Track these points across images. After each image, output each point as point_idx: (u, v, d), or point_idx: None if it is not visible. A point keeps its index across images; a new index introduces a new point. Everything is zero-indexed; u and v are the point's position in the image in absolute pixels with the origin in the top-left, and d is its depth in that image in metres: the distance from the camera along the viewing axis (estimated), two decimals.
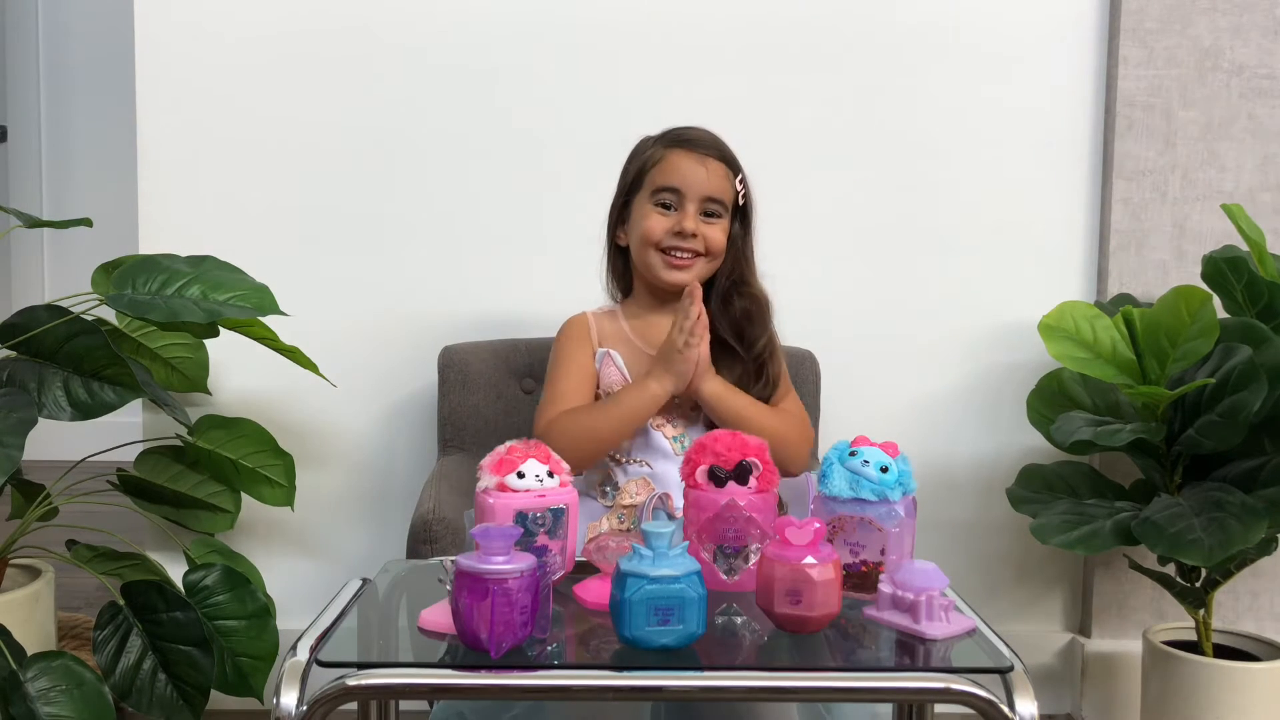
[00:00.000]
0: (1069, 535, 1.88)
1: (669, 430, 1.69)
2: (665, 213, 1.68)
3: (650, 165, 1.70)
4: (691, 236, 1.67)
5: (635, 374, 1.70)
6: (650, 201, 1.69)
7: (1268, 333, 1.85)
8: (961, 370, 2.25)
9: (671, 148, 1.70)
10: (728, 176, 1.70)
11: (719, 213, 1.69)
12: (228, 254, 1.90)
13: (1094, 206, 2.24)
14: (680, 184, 1.67)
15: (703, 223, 1.68)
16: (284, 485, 2.06)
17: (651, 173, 1.70)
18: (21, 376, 1.76)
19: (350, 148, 2.17)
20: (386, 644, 1.33)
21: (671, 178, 1.68)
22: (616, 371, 1.71)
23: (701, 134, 1.72)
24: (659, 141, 1.72)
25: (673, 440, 1.68)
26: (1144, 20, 2.17)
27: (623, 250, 1.77)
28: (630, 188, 1.73)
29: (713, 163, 1.68)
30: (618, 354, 1.72)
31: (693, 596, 1.16)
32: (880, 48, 2.20)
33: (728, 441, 1.38)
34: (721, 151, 1.71)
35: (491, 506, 1.27)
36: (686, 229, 1.66)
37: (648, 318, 1.75)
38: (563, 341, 1.74)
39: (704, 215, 1.68)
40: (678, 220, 1.67)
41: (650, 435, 1.68)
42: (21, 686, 1.66)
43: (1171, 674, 1.96)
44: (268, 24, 2.15)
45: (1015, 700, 1.14)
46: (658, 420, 1.68)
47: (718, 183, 1.68)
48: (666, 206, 1.68)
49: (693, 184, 1.67)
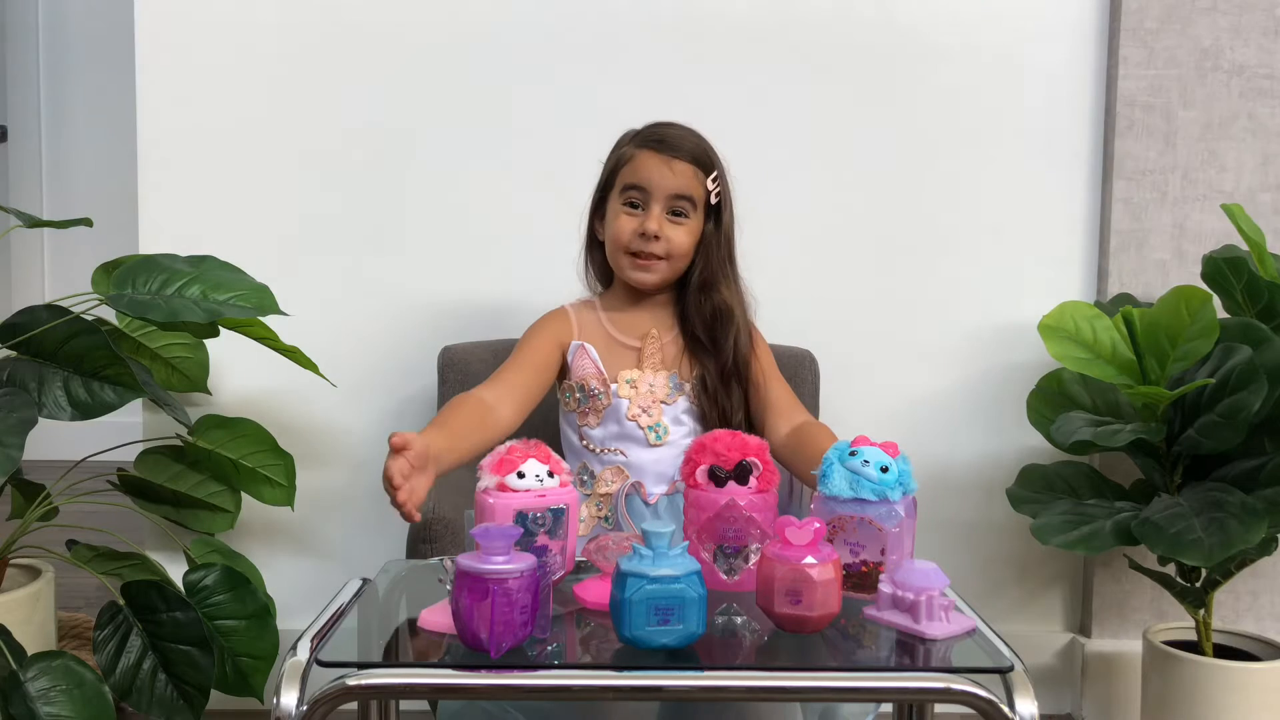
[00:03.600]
0: (1069, 535, 1.88)
1: (644, 420, 1.71)
2: (633, 213, 1.70)
3: (622, 163, 1.73)
4: (654, 239, 1.68)
5: (609, 365, 1.73)
6: (620, 200, 1.72)
7: (1268, 333, 1.85)
8: (961, 370, 2.25)
9: (642, 147, 1.71)
10: (696, 176, 1.70)
11: (686, 212, 1.70)
12: (228, 254, 1.90)
13: (1094, 206, 2.24)
14: (646, 183, 1.69)
15: (668, 222, 1.69)
16: (284, 485, 2.06)
17: (623, 171, 1.72)
18: (21, 376, 1.76)
19: (350, 148, 2.17)
20: (386, 644, 1.33)
21: (638, 177, 1.70)
22: (591, 364, 1.73)
23: (676, 132, 1.72)
24: (634, 139, 1.74)
25: (648, 430, 1.70)
26: (1144, 20, 2.17)
27: (601, 244, 1.79)
28: (606, 184, 1.76)
29: (680, 163, 1.69)
30: (592, 347, 1.74)
31: (693, 596, 1.16)
32: (880, 47, 2.20)
33: (728, 441, 1.38)
34: (693, 151, 1.71)
35: (491, 506, 1.27)
36: (649, 230, 1.68)
37: (625, 310, 1.78)
38: (532, 329, 1.77)
39: (671, 214, 1.70)
40: (643, 221, 1.69)
41: (625, 425, 1.71)
42: (21, 686, 1.66)
43: (1171, 674, 1.96)
44: (268, 25, 2.15)
45: (1015, 700, 1.14)
46: (633, 410, 1.70)
47: (683, 182, 1.69)
48: (634, 206, 1.70)
49: (658, 184, 1.69)
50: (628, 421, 1.70)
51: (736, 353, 1.72)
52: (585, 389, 1.72)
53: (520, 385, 1.69)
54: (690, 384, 1.73)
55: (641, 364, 1.74)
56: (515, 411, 1.66)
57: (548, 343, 1.74)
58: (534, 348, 1.74)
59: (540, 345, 1.74)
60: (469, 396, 1.64)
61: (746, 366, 1.74)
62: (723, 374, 1.72)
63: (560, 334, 1.76)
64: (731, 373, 1.72)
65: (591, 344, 1.74)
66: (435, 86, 2.17)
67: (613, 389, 1.72)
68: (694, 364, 1.74)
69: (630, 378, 1.72)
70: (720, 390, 1.72)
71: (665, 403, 1.72)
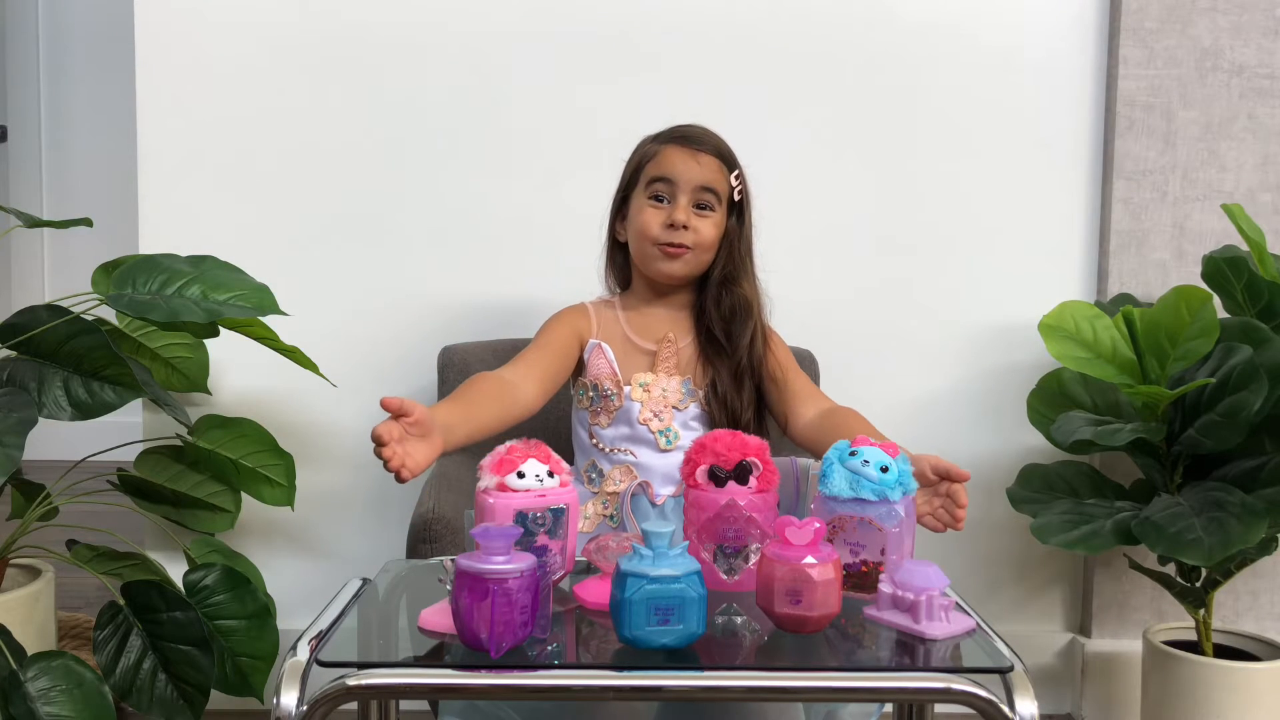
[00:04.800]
0: (1069, 535, 1.88)
1: (655, 424, 1.71)
2: (659, 205, 1.71)
3: (647, 160, 1.74)
4: (683, 228, 1.69)
5: (624, 367, 1.73)
6: (645, 194, 1.72)
7: (1268, 333, 1.85)
8: (961, 370, 2.26)
9: (668, 143, 1.74)
10: (721, 170, 1.72)
11: (711, 204, 1.72)
12: (228, 254, 1.90)
13: (1094, 206, 2.24)
14: (673, 174, 1.70)
15: (695, 214, 1.70)
16: (284, 485, 2.06)
17: (648, 167, 1.73)
18: (21, 376, 1.76)
19: (350, 148, 2.17)
20: (386, 644, 1.33)
21: (665, 169, 1.71)
22: (606, 364, 1.73)
23: (699, 130, 1.75)
24: (657, 139, 1.76)
25: (658, 434, 1.70)
26: (1144, 20, 2.17)
27: (622, 245, 1.80)
28: (629, 183, 1.77)
29: (706, 157, 1.71)
30: (609, 347, 1.74)
31: (693, 596, 1.15)
32: (880, 48, 2.20)
33: (728, 441, 1.38)
34: (717, 147, 1.73)
35: (491, 506, 1.27)
36: (678, 220, 1.69)
37: (643, 310, 1.78)
38: (552, 320, 1.77)
39: (697, 207, 1.71)
40: (670, 212, 1.70)
41: (636, 429, 1.70)
42: (21, 686, 1.66)
43: (1171, 674, 1.96)
44: (268, 25, 2.15)
45: (1015, 700, 1.14)
46: (645, 414, 1.70)
47: (710, 175, 1.71)
48: (660, 199, 1.71)
49: (685, 175, 1.70)
50: (639, 425, 1.70)
51: (751, 351, 1.72)
52: (599, 388, 1.72)
53: (541, 366, 1.70)
54: (703, 390, 1.73)
55: (656, 368, 1.73)
56: (538, 390, 1.67)
57: (568, 332, 1.75)
58: (555, 335, 1.74)
59: (561, 333, 1.74)
60: (488, 374, 1.65)
61: (760, 365, 1.73)
62: (735, 373, 1.72)
63: (580, 327, 1.76)
64: (745, 370, 1.72)
65: (608, 344, 1.75)
66: (435, 86, 2.17)
67: (626, 391, 1.72)
68: (707, 368, 1.73)
69: (644, 381, 1.72)
70: (731, 391, 1.71)
71: (677, 408, 1.72)
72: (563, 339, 1.74)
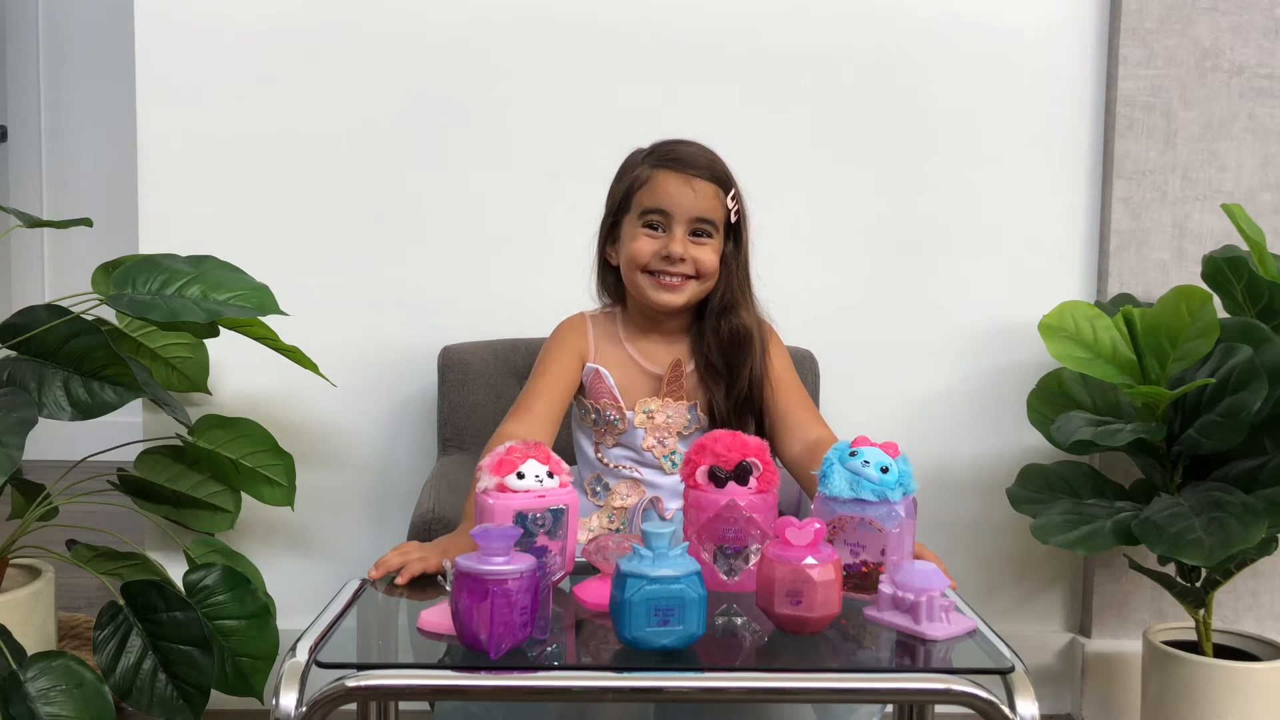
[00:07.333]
0: (1069, 535, 1.88)
1: (659, 450, 1.67)
2: (653, 234, 1.63)
3: (638, 186, 1.65)
4: (680, 260, 1.62)
5: (627, 391, 1.67)
6: (639, 223, 1.64)
7: (1268, 333, 1.85)
8: (961, 370, 2.25)
9: (659, 167, 1.64)
10: (717, 195, 1.63)
11: (709, 232, 1.64)
12: (228, 254, 1.90)
13: (1094, 206, 2.24)
14: (668, 206, 1.61)
15: (692, 244, 1.62)
16: (284, 485, 2.06)
17: (639, 194, 1.64)
18: (21, 376, 1.76)
19: (350, 148, 2.17)
20: (386, 645, 1.33)
21: (659, 199, 1.62)
22: (607, 390, 1.67)
23: (691, 151, 1.65)
24: (647, 159, 1.66)
25: (663, 459, 1.68)
26: (1144, 20, 2.17)
27: (613, 268, 1.72)
28: (619, 208, 1.68)
29: (700, 183, 1.62)
30: (608, 373, 1.67)
31: (693, 597, 1.16)
32: (880, 48, 2.20)
33: (728, 441, 1.38)
34: (712, 170, 1.64)
35: (491, 507, 1.27)
36: (674, 253, 1.61)
37: (646, 333, 1.71)
38: (552, 342, 1.71)
39: (693, 236, 1.63)
40: (665, 243, 1.62)
41: (642, 455, 1.68)
42: (21, 686, 1.66)
43: (1171, 674, 1.96)
44: (268, 25, 2.15)
45: (1016, 701, 1.14)
46: (649, 441, 1.67)
47: (706, 203, 1.62)
48: (654, 228, 1.63)
49: (680, 206, 1.61)
50: (645, 453, 1.67)
51: (751, 379, 1.66)
52: (601, 413, 1.68)
53: (551, 417, 1.64)
54: (705, 415, 1.68)
55: (663, 393, 1.67)
56: (552, 435, 1.63)
57: (570, 359, 1.68)
58: (559, 365, 1.67)
59: (563, 361, 1.67)
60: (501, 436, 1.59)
61: (760, 391, 1.68)
62: (736, 401, 1.66)
63: (580, 348, 1.69)
64: (745, 399, 1.66)
65: (608, 368, 1.67)
66: (435, 86, 2.17)
67: (630, 417, 1.66)
68: (707, 394, 1.67)
69: (649, 408, 1.66)
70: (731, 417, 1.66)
71: (682, 434, 1.68)
72: (568, 370, 1.67)
